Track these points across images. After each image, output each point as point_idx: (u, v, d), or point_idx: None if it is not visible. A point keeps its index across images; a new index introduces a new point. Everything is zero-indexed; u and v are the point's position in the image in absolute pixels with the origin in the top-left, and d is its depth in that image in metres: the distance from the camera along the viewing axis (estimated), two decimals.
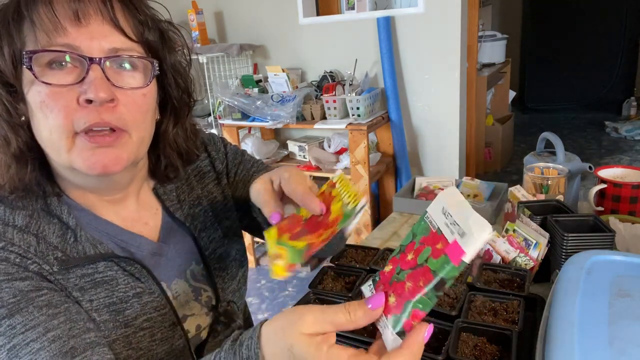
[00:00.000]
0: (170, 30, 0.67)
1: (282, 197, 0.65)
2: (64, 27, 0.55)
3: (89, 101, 0.56)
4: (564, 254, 0.87)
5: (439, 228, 0.44)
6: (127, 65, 0.60)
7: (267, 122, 2.52)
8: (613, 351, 0.53)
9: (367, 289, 0.48)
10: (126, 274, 0.65)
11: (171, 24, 0.68)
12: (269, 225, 0.62)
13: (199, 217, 0.79)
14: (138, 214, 0.73)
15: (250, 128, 2.92)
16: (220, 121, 2.71)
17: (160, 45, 0.65)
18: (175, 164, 0.73)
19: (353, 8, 2.69)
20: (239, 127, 2.71)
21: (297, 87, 2.70)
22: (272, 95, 2.57)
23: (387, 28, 2.53)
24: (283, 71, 2.60)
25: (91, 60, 0.56)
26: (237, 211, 0.86)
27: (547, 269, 0.94)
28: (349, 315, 0.42)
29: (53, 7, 0.55)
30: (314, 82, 2.75)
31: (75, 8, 0.56)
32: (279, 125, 2.50)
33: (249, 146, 2.77)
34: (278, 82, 2.63)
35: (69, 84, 0.56)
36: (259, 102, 2.53)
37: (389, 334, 0.43)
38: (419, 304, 0.42)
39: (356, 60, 2.62)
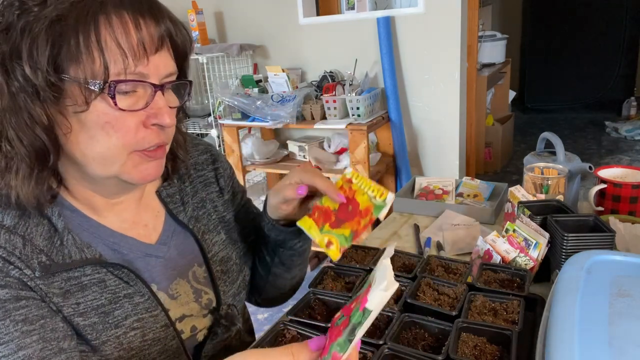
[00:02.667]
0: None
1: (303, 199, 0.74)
2: (147, 57, 0.57)
3: (159, 125, 0.60)
4: (564, 254, 0.87)
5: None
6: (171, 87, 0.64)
7: (267, 122, 2.52)
8: (613, 351, 0.53)
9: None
10: (114, 276, 0.66)
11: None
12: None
13: (203, 219, 0.80)
14: (138, 215, 0.73)
15: (250, 128, 2.92)
16: (220, 121, 2.71)
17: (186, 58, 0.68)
18: (180, 156, 0.76)
19: (353, 8, 2.69)
20: (239, 127, 2.71)
21: (297, 87, 2.70)
22: (272, 95, 2.57)
23: (387, 28, 2.53)
24: (283, 71, 2.60)
25: (156, 87, 0.59)
26: (243, 236, 0.90)
27: (547, 269, 0.94)
28: (293, 358, 0.43)
29: (141, 32, 0.57)
30: (314, 82, 2.75)
31: (158, 35, 0.58)
32: (279, 125, 2.50)
33: (249, 146, 2.77)
34: (278, 82, 2.63)
35: (137, 110, 0.59)
36: (259, 102, 2.53)
37: None
38: (337, 347, 0.45)
39: (356, 60, 2.62)
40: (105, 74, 0.55)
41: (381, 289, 0.45)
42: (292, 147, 2.87)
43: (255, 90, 2.69)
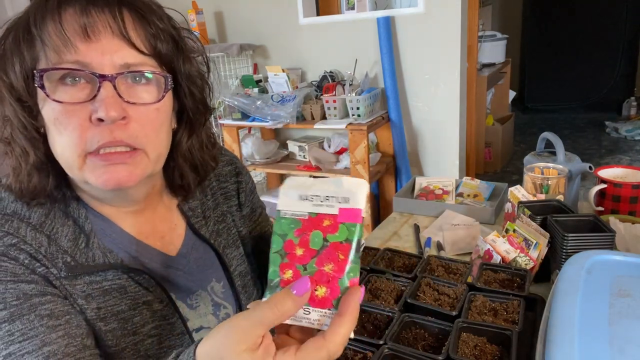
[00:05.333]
0: (186, 38, 0.66)
1: None
2: (73, 44, 0.55)
3: (101, 120, 0.55)
4: (564, 254, 0.87)
5: (310, 212, 0.45)
6: (140, 79, 0.59)
7: (267, 122, 2.52)
8: (613, 351, 0.53)
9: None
10: (135, 282, 0.65)
11: (189, 30, 0.67)
12: None
13: (223, 234, 0.79)
14: (154, 227, 0.72)
15: (250, 128, 2.92)
16: (220, 121, 2.71)
17: (175, 56, 0.63)
18: (187, 176, 0.72)
19: (353, 8, 2.69)
20: (239, 127, 2.71)
21: (297, 87, 2.70)
22: (272, 95, 2.57)
23: (387, 28, 2.53)
24: (283, 71, 2.60)
25: (102, 77, 0.55)
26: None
27: (547, 269, 0.94)
28: (277, 309, 0.41)
29: (62, 24, 0.55)
30: (314, 82, 2.75)
31: (84, 23, 0.55)
32: (279, 125, 2.50)
33: (249, 146, 2.77)
34: (278, 82, 2.63)
35: (80, 102, 0.55)
36: (259, 102, 2.53)
37: None
38: (351, 274, 0.43)
39: (356, 60, 2.62)
40: (32, 68, 0.56)
41: (363, 190, 0.44)
42: (292, 147, 2.87)
43: (255, 90, 2.69)
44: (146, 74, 0.59)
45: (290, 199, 0.46)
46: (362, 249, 0.44)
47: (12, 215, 0.59)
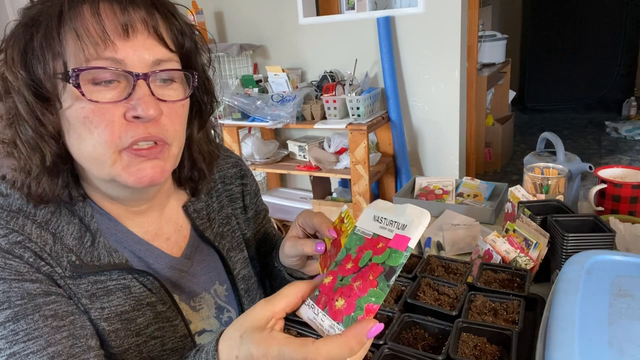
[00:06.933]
0: (197, 34, 0.67)
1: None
2: (112, 41, 0.55)
3: (136, 117, 0.56)
4: (564, 254, 0.87)
5: (374, 233, 0.47)
6: (169, 77, 0.60)
7: (267, 122, 2.52)
8: (613, 351, 0.53)
9: (306, 308, 0.49)
10: (139, 283, 0.65)
11: (194, 26, 0.68)
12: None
13: (227, 236, 0.79)
14: (160, 228, 0.72)
15: (250, 128, 2.92)
16: (220, 121, 2.71)
17: (195, 53, 0.65)
18: (199, 165, 0.73)
19: (353, 8, 2.69)
20: (239, 127, 2.71)
21: (297, 87, 2.70)
22: (272, 95, 2.57)
23: (387, 28, 2.53)
24: (283, 71, 2.60)
25: (137, 76, 0.56)
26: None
27: (547, 269, 0.94)
28: (290, 297, 0.47)
29: (102, 20, 0.54)
30: (314, 82, 2.75)
31: (124, 21, 0.55)
32: (279, 125, 2.50)
33: (249, 146, 2.77)
34: (278, 82, 2.63)
35: (115, 101, 0.56)
36: (259, 102, 2.53)
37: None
38: (372, 298, 0.42)
39: (356, 60, 2.62)
40: (65, 64, 0.55)
41: (422, 221, 0.44)
42: (292, 147, 2.87)
43: (255, 90, 2.69)
44: (176, 72, 0.61)
45: (367, 218, 0.49)
46: (392, 278, 0.43)
47: (17, 212, 0.59)
